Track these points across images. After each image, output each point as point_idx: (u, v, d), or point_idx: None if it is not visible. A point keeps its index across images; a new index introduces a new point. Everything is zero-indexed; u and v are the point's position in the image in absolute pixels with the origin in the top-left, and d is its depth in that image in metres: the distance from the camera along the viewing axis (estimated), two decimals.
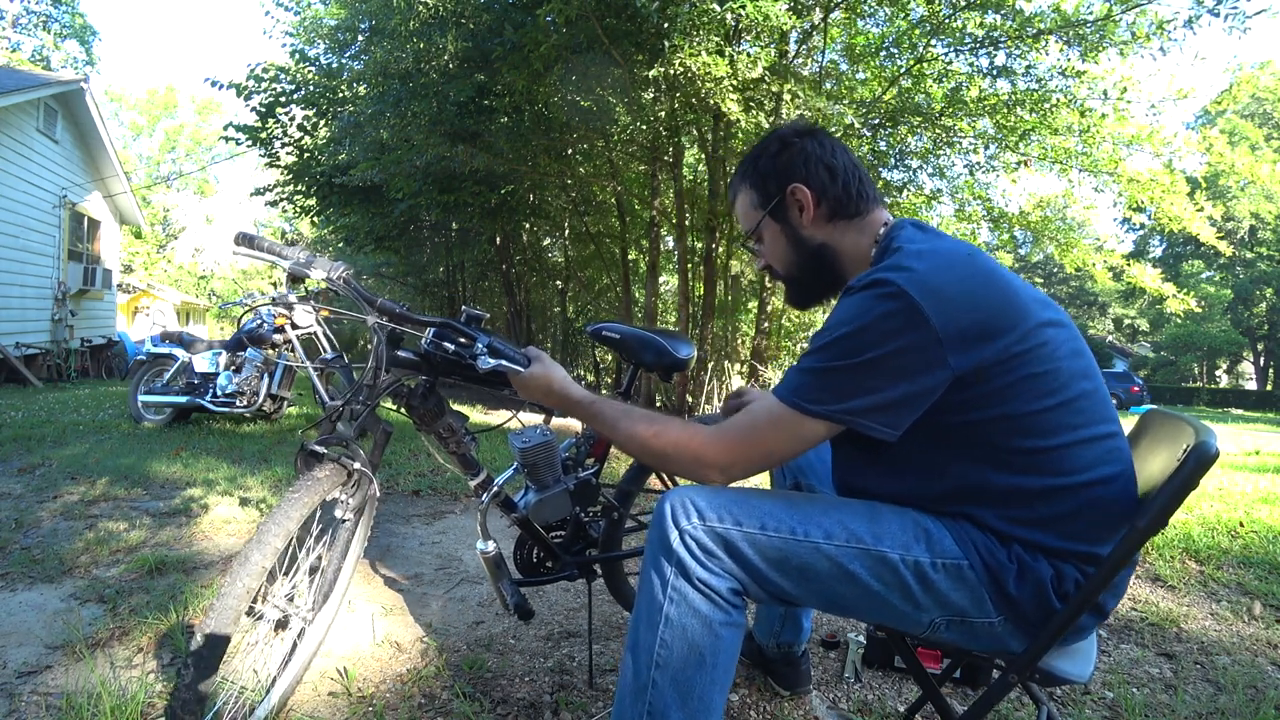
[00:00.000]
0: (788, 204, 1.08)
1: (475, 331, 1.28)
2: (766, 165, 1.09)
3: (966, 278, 0.89)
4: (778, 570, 0.93)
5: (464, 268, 13.52)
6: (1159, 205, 6.34)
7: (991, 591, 0.91)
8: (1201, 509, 3.37)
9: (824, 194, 1.06)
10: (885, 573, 0.92)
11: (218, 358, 5.01)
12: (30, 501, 2.92)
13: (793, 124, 1.14)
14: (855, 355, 0.87)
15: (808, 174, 1.06)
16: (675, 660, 0.91)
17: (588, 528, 1.65)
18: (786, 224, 1.09)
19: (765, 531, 0.93)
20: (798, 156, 1.07)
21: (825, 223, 1.07)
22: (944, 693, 1.11)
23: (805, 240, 1.09)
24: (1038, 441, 0.90)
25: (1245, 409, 28.81)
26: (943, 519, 0.95)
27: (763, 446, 0.94)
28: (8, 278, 9.77)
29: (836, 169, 1.06)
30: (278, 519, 1.13)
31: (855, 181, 1.07)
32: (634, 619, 0.97)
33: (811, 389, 0.90)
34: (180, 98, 38.84)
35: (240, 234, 1.36)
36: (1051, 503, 0.91)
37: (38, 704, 1.40)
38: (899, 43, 6.42)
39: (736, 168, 1.16)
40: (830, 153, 1.07)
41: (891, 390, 0.87)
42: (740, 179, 1.14)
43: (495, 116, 6.57)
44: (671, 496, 0.97)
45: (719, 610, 0.92)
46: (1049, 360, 0.90)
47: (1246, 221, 29.54)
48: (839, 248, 1.08)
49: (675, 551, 0.93)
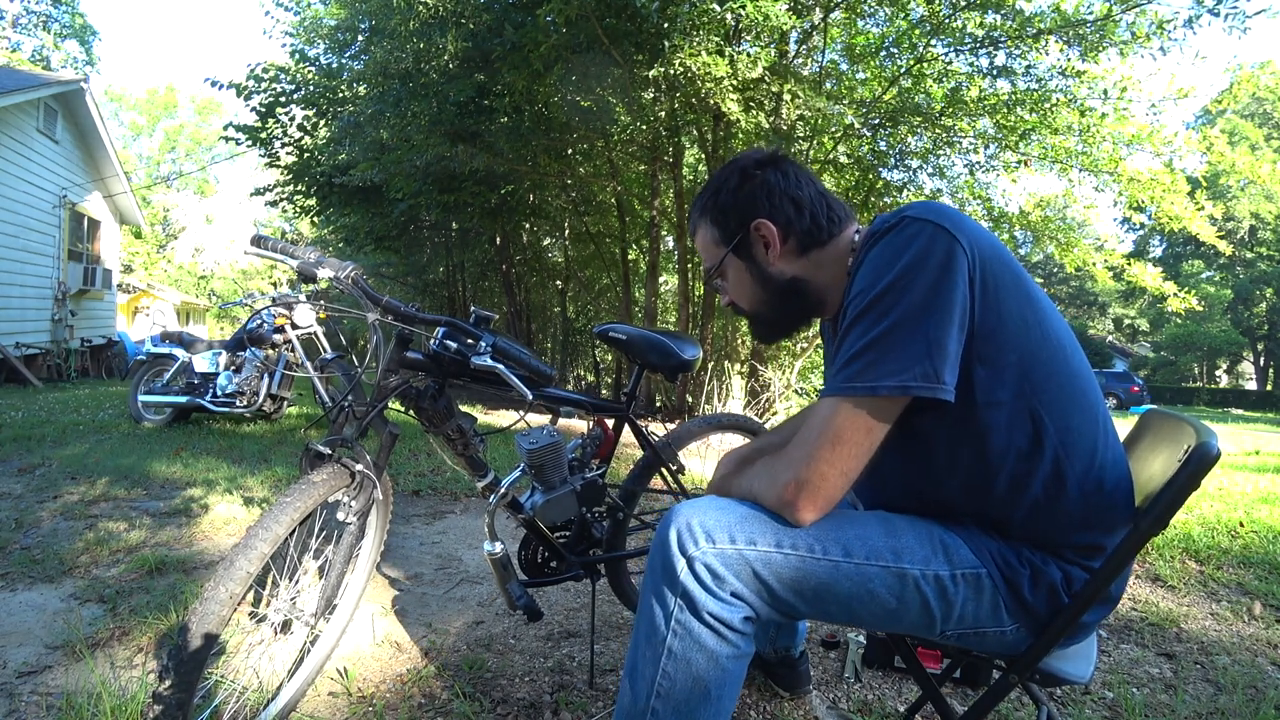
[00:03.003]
0: (751, 240, 1.02)
1: (482, 332, 1.28)
2: (726, 200, 1.03)
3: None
4: (793, 591, 0.87)
5: (464, 268, 13.52)
6: (1159, 205, 6.34)
7: (1008, 599, 0.89)
8: (1201, 509, 3.37)
9: (790, 228, 1.00)
10: (905, 590, 0.88)
11: (218, 358, 5.02)
12: (30, 501, 2.92)
13: (752, 153, 1.06)
14: (909, 306, 0.81)
15: (771, 208, 1.00)
16: (678, 693, 0.86)
17: (592, 528, 1.65)
18: (751, 261, 1.03)
19: (782, 550, 0.86)
20: (760, 189, 1.01)
21: (796, 257, 1.02)
22: (944, 693, 1.11)
23: (773, 277, 1.02)
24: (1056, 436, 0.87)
25: (1245, 409, 28.81)
26: (952, 528, 0.92)
27: (839, 458, 0.84)
28: (8, 278, 9.77)
29: (802, 200, 1.00)
30: (266, 524, 1.11)
31: (823, 210, 1.01)
32: (634, 641, 0.91)
33: (874, 364, 0.82)
34: (180, 98, 38.94)
35: (254, 236, 1.38)
36: (1057, 502, 0.89)
37: (38, 704, 1.40)
38: (899, 43, 6.42)
39: (694, 200, 1.09)
40: (795, 183, 1.01)
41: (955, 332, 0.81)
42: (700, 213, 1.07)
43: (495, 116, 6.57)
44: (675, 519, 0.88)
45: (727, 645, 0.86)
46: (1063, 343, 0.89)
47: (1246, 221, 29.56)
48: (812, 279, 1.02)
49: (681, 583, 0.85)
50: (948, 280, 0.81)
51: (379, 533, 1.55)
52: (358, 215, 9.98)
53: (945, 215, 0.84)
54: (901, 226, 0.84)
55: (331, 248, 13.87)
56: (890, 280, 0.82)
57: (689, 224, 1.12)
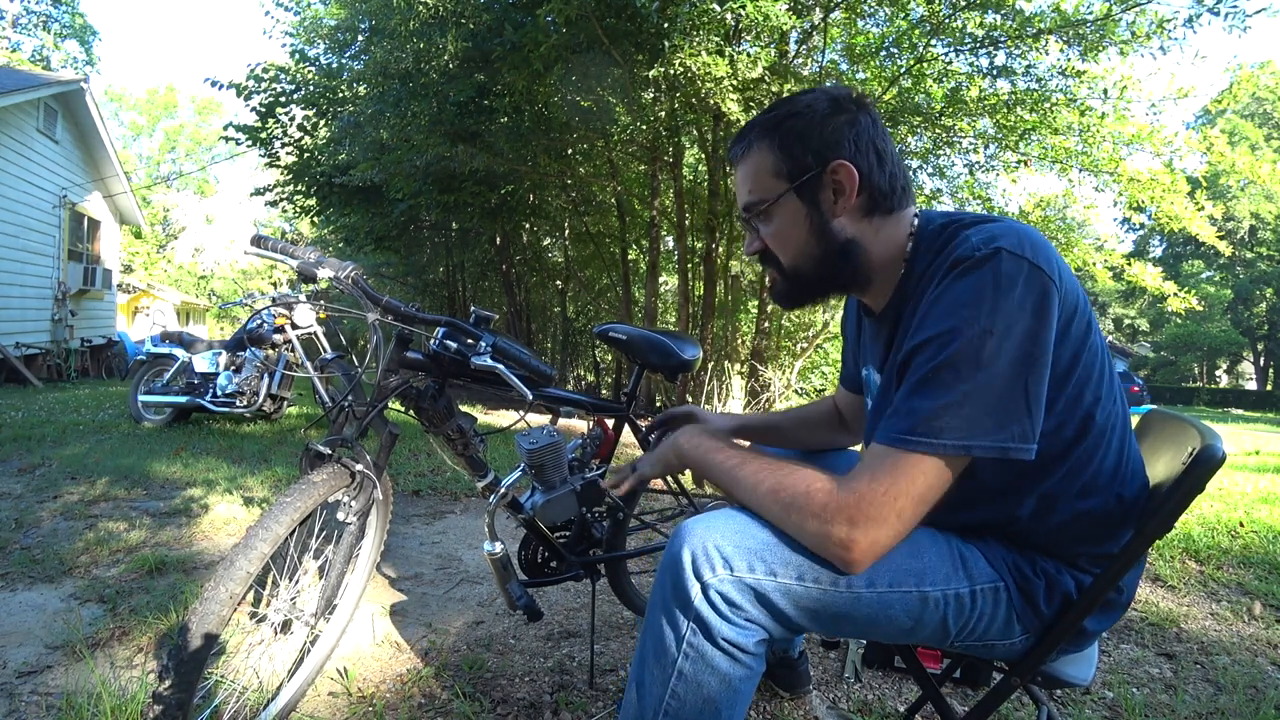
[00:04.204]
0: (824, 182, 0.88)
1: (482, 332, 1.28)
2: (808, 126, 0.88)
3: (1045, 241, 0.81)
4: (809, 618, 0.83)
5: (464, 268, 13.51)
6: (1159, 205, 6.34)
7: (1023, 611, 0.87)
8: (1201, 509, 3.37)
9: (868, 180, 0.88)
10: (925, 611, 0.85)
11: (218, 358, 5.02)
12: (30, 501, 2.92)
13: (843, 89, 0.92)
14: (1010, 358, 0.73)
15: (856, 151, 0.87)
16: (687, 713, 0.82)
17: (592, 528, 1.65)
18: (815, 207, 0.89)
19: (803, 582, 0.80)
20: (848, 127, 0.87)
21: (860, 215, 0.89)
22: (944, 693, 1.11)
23: (833, 231, 0.89)
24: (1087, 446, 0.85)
25: (1245, 409, 28.82)
26: (970, 540, 0.90)
27: (914, 515, 0.77)
28: (8, 278, 9.77)
29: (885, 154, 0.89)
30: (266, 524, 1.11)
31: (901, 173, 0.90)
32: (639, 657, 0.86)
33: (971, 421, 0.74)
34: (180, 98, 38.97)
35: (254, 236, 1.39)
36: (1081, 517, 0.87)
37: (38, 704, 1.39)
38: (899, 43, 6.42)
39: (754, 120, 0.92)
40: (883, 135, 0.89)
41: (1046, 383, 0.75)
42: (760, 134, 0.91)
43: (495, 116, 6.57)
44: (690, 539, 0.82)
45: (741, 667, 0.82)
46: (1101, 359, 0.85)
47: (1246, 221, 29.56)
48: (869, 247, 0.90)
49: (695, 608, 0.80)
50: (1045, 329, 0.75)
51: (379, 533, 1.55)
52: (358, 215, 9.98)
53: (1039, 251, 0.77)
54: (997, 261, 0.75)
55: (331, 248, 13.87)
56: (987, 325, 0.74)
57: (734, 146, 0.95)
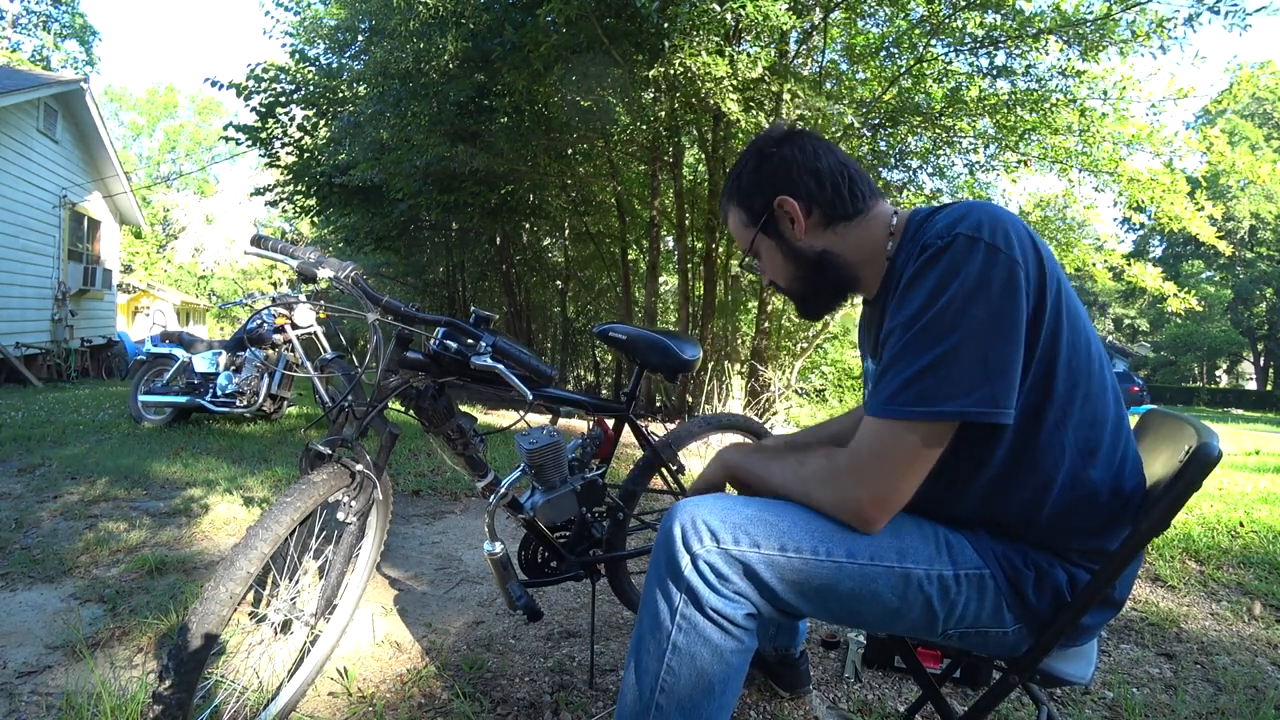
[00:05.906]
0: (777, 218, 1.03)
1: (482, 332, 1.28)
2: (748, 182, 1.05)
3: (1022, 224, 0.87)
4: (795, 592, 0.88)
5: (464, 268, 13.51)
6: (1159, 205, 6.34)
7: (1011, 600, 0.90)
8: (1201, 509, 3.37)
9: (813, 201, 1.00)
10: (909, 590, 0.88)
11: (218, 358, 5.02)
12: (30, 501, 2.92)
13: (770, 131, 1.08)
14: (970, 329, 0.80)
15: (791, 183, 1.01)
16: (682, 688, 0.87)
17: (592, 528, 1.65)
18: (779, 238, 1.04)
19: (785, 553, 0.87)
20: (778, 167, 1.02)
21: (822, 230, 1.02)
22: (944, 693, 1.11)
23: (802, 251, 1.03)
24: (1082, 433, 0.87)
25: (1245, 409, 28.83)
26: (958, 529, 0.93)
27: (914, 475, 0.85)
28: (8, 278, 9.77)
29: (822, 172, 1.00)
30: (266, 524, 1.11)
31: (845, 181, 1.00)
32: (636, 636, 0.92)
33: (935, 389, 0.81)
34: (180, 98, 38.96)
35: (254, 236, 1.39)
36: (1074, 510, 0.89)
37: (38, 704, 1.40)
38: (899, 43, 6.42)
39: (724, 185, 1.11)
40: (813, 156, 1.01)
41: (1016, 355, 0.81)
42: (727, 198, 1.10)
43: (495, 116, 6.57)
44: (680, 515, 0.90)
45: (731, 639, 0.87)
46: (1093, 351, 0.88)
47: (1246, 221, 29.56)
48: (842, 252, 1.02)
49: (686, 578, 0.87)
50: (1007, 302, 0.81)
51: (379, 533, 1.55)
52: (358, 215, 9.97)
53: (998, 231, 0.82)
54: (955, 245, 0.82)
55: (331, 248, 13.86)
56: (946, 302, 0.81)
57: (721, 212, 1.15)
